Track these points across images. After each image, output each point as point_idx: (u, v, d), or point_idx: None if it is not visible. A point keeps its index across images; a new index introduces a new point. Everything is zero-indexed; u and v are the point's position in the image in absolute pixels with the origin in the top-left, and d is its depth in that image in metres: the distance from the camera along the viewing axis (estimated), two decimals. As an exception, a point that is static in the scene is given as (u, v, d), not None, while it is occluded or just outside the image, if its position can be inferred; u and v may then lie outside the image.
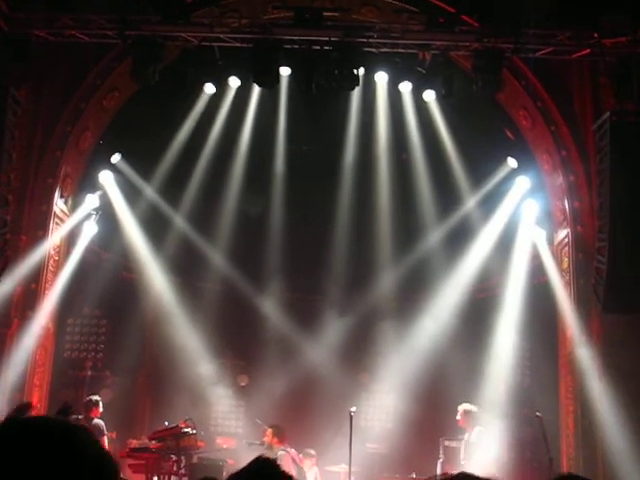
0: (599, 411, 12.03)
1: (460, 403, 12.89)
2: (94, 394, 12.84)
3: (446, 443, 12.85)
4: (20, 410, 9.19)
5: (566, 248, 13.40)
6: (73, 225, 14.02)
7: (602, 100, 12.52)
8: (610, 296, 10.75)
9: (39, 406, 12.94)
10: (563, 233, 13.51)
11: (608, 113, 10.80)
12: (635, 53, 11.50)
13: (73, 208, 14.04)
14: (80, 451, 1.65)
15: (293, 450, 12.54)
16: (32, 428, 1.68)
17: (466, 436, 12.30)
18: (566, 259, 13.40)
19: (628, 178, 10.38)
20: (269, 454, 12.26)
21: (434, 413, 14.50)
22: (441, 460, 12.75)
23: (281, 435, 12.47)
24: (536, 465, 12.56)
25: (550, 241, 14.03)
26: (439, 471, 12.64)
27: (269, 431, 12.57)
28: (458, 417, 12.31)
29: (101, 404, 12.30)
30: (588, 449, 12.08)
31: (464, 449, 12.13)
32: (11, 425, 1.68)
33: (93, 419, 12.13)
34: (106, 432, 12.22)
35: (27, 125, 12.91)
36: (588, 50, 11.92)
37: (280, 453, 12.09)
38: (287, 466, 11.87)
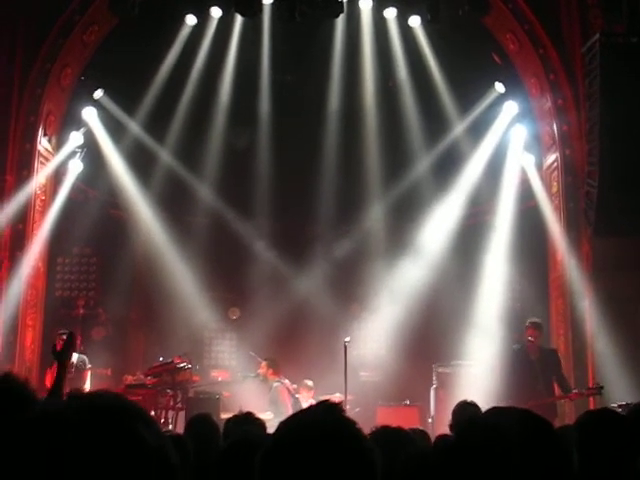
0: (589, 333, 12.16)
1: (452, 329, 12.98)
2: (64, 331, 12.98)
3: (439, 370, 12.98)
4: None
5: (555, 172, 13.36)
6: (58, 164, 13.84)
7: (590, 22, 12.29)
8: (600, 219, 10.74)
9: (33, 346, 13.00)
10: (552, 157, 13.45)
11: (597, 35, 10.61)
12: (624, -28, 11.28)
13: (57, 146, 13.84)
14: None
15: (287, 381, 12.65)
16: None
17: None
18: (555, 183, 13.37)
19: (618, 101, 10.25)
20: (264, 386, 12.44)
21: (427, 340, 14.59)
22: (434, 386, 12.90)
23: (276, 367, 12.57)
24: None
25: (539, 166, 13.98)
26: (432, 398, 12.80)
27: (264, 363, 12.67)
28: None
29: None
30: (579, 371, 12.24)
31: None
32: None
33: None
34: (88, 366, 12.53)
35: (4, 64, 12.65)
36: (576, -30, 11.71)
37: (275, 385, 12.23)
38: (284, 397, 12.01)
